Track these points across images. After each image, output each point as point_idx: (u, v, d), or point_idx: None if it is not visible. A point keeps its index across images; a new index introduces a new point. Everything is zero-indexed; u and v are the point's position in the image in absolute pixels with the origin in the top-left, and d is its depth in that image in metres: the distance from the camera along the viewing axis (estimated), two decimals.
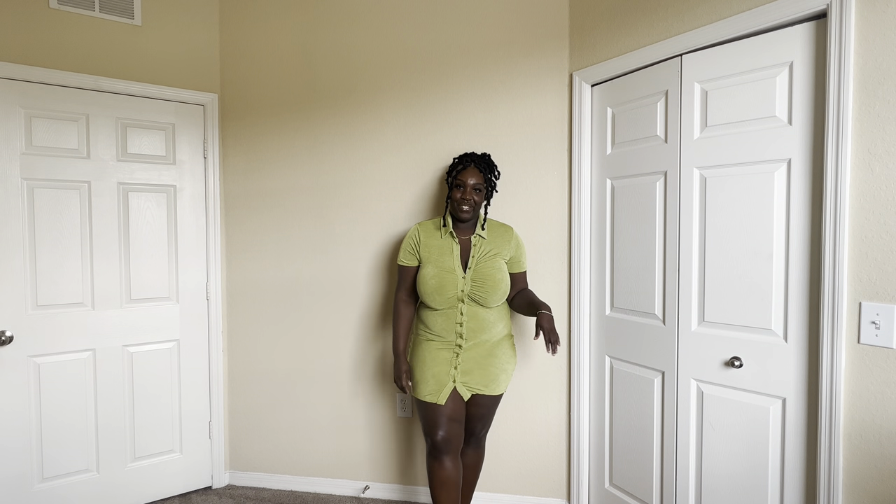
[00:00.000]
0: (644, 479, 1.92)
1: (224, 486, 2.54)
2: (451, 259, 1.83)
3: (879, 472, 1.34)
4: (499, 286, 1.80)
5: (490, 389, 1.84)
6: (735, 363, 1.60)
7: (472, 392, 1.83)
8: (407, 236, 1.92)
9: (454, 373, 1.82)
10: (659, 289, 1.84)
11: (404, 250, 1.91)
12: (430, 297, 1.81)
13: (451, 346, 1.83)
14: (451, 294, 1.79)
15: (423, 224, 1.93)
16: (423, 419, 1.84)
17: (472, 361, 1.83)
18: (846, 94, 1.35)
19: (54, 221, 2.12)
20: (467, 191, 1.81)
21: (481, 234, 1.87)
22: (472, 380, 1.83)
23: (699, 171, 1.70)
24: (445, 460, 1.80)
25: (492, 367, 1.84)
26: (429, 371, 1.82)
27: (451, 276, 1.80)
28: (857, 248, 1.35)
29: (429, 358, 1.84)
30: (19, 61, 2.04)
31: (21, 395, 2.08)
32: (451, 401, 1.80)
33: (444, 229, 1.87)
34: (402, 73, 2.29)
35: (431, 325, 1.85)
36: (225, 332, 2.55)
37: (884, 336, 1.31)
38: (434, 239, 1.87)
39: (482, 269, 1.81)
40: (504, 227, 1.92)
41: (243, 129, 2.48)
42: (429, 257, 1.85)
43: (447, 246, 1.85)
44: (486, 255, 1.84)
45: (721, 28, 1.59)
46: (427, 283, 1.81)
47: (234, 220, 2.52)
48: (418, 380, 1.85)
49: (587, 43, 2.05)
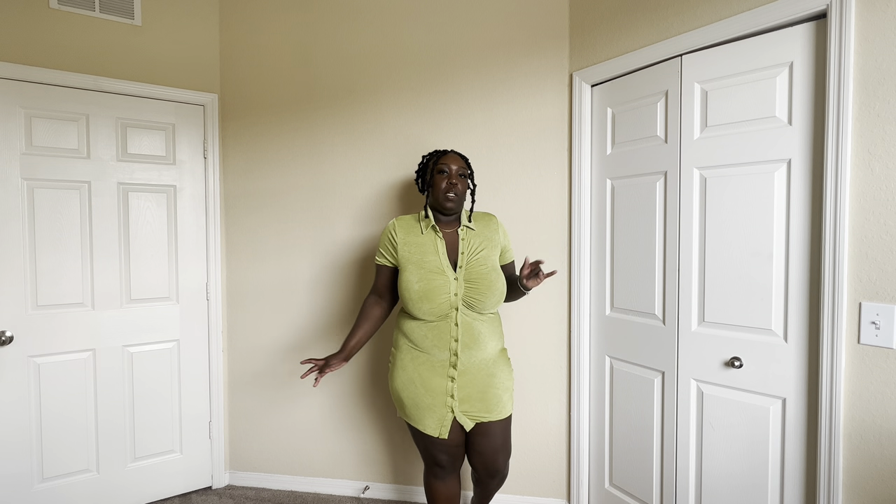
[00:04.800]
0: (644, 479, 1.92)
1: (224, 487, 2.54)
2: (438, 258, 1.58)
3: (879, 473, 1.34)
4: (495, 286, 1.59)
5: (495, 414, 1.63)
6: (735, 363, 1.60)
7: (474, 420, 1.62)
8: (383, 233, 1.68)
9: (451, 402, 1.59)
10: (659, 289, 1.84)
11: (381, 248, 1.68)
12: (416, 307, 1.56)
13: (444, 368, 1.59)
14: (442, 300, 1.54)
15: (401, 219, 1.68)
16: (421, 444, 1.67)
17: (469, 386, 1.60)
18: (846, 94, 1.35)
19: (54, 221, 2.12)
20: (452, 175, 1.60)
21: (469, 225, 1.66)
22: (472, 407, 1.61)
23: (699, 171, 1.70)
24: (446, 479, 1.72)
25: (492, 389, 1.62)
26: (422, 401, 1.59)
27: (441, 279, 1.55)
28: (857, 248, 1.35)
29: (419, 384, 1.60)
30: (19, 61, 2.04)
31: (21, 395, 2.08)
32: (451, 430, 1.62)
33: (426, 222, 1.64)
34: (402, 72, 2.29)
35: (418, 340, 1.60)
36: (225, 332, 2.55)
37: (884, 336, 1.31)
38: (413, 236, 1.63)
39: (475, 268, 1.59)
40: (487, 216, 1.74)
41: (243, 129, 2.48)
42: (409, 258, 1.60)
43: (430, 243, 1.61)
44: (477, 250, 1.62)
45: (721, 28, 1.59)
46: (411, 289, 1.55)
47: (234, 220, 2.52)
48: (410, 409, 1.63)
49: (587, 43, 2.05)
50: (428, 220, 1.64)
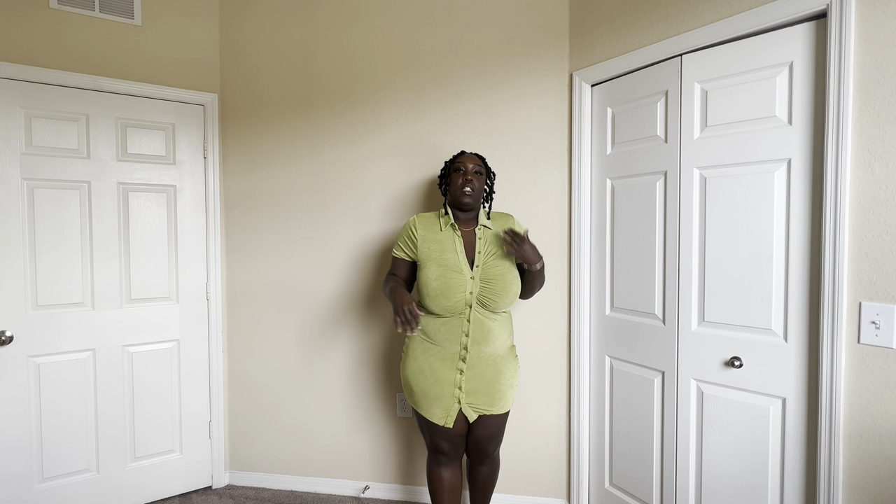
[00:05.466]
0: (644, 479, 1.92)
1: (224, 486, 2.54)
2: (456, 256, 1.67)
3: (879, 472, 1.34)
4: (510, 288, 1.66)
5: (497, 408, 1.73)
6: (735, 363, 1.60)
7: (478, 413, 1.71)
8: (404, 227, 1.77)
9: (459, 393, 1.69)
10: (659, 289, 1.84)
11: (400, 241, 1.76)
12: (432, 302, 1.65)
13: (454, 361, 1.68)
14: (458, 298, 1.63)
15: (422, 216, 1.77)
16: (426, 432, 1.77)
17: (476, 380, 1.69)
18: (846, 94, 1.35)
19: (54, 221, 2.12)
20: (468, 172, 1.70)
21: (486, 223, 1.73)
22: (477, 400, 1.70)
23: (699, 170, 1.70)
24: (448, 467, 1.80)
25: (498, 385, 1.71)
26: (431, 390, 1.69)
27: (458, 277, 1.64)
28: (857, 248, 1.35)
29: (430, 375, 1.69)
30: (19, 61, 2.04)
31: (21, 394, 2.08)
32: (456, 420, 1.72)
33: (445, 219, 1.73)
34: (403, 72, 2.29)
35: (431, 333, 1.70)
36: (225, 332, 2.55)
37: (884, 336, 1.31)
38: (433, 233, 1.72)
39: (491, 268, 1.66)
40: (505, 216, 1.81)
41: (243, 129, 2.48)
42: (429, 254, 1.68)
43: (449, 240, 1.70)
44: (494, 250, 1.70)
45: (721, 28, 1.59)
46: (430, 285, 1.64)
47: (234, 220, 2.52)
48: (419, 397, 1.72)
49: (587, 43, 2.05)
50: (447, 217, 1.73)
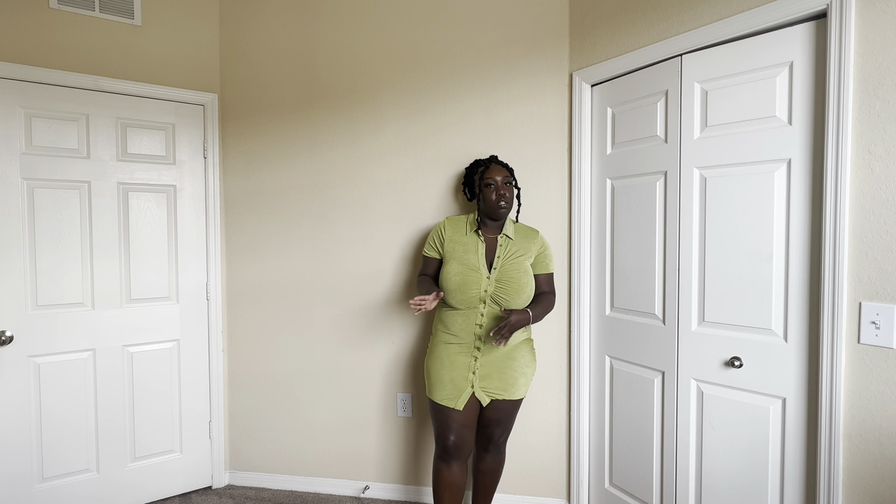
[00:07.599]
0: (644, 478, 1.92)
1: (224, 486, 2.54)
2: (476, 257, 1.81)
3: (879, 472, 1.34)
4: (523, 289, 1.78)
5: (509, 394, 1.81)
6: (735, 363, 1.60)
7: (491, 397, 1.81)
8: (434, 228, 1.94)
9: (472, 378, 1.79)
10: (659, 289, 1.84)
11: (430, 241, 1.94)
12: (451, 295, 1.80)
13: (470, 349, 1.80)
14: (473, 293, 1.77)
15: (451, 219, 1.93)
16: (436, 422, 1.83)
17: (490, 366, 1.80)
18: (846, 94, 1.35)
19: (54, 221, 2.12)
20: (500, 186, 1.80)
21: (508, 233, 1.86)
22: (490, 385, 1.80)
23: (699, 171, 1.70)
24: (453, 465, 1.81)
25: (511, 371, 1.81)
26: (446, 375, 1.80)
27: (475, 275, 1.78)
28: (857, 248, 1.35)
29: (447, 361, 1.82)
30: (19, 61, 2.04)
31: (21, 395, 2.08)
32: (466, 406, 1.79)
33: (472, 226, 1.88)
34: (403, 73, 2.29)
35: (450, 325, 1.83)
36: (225, 332, 2.55)
37: (884, 336, 1.31)
38: (459, 234, 1.88)
39: (507, 271, 1.79)
40: (531, 230, 1.92)
41: (243, 129, 2.48)
42: (453, 253, 1.84)
43: (472, 243, 1.84)
44: (512, 256, 1.82)
45: (721, 28, 1.59)
46: (450, 279, 1.79)
47: (233, 219, 2.52)
48: (434, 382, 1.83)
49: (587, 43, 2.05)
50: (474, 224, 1.87)
